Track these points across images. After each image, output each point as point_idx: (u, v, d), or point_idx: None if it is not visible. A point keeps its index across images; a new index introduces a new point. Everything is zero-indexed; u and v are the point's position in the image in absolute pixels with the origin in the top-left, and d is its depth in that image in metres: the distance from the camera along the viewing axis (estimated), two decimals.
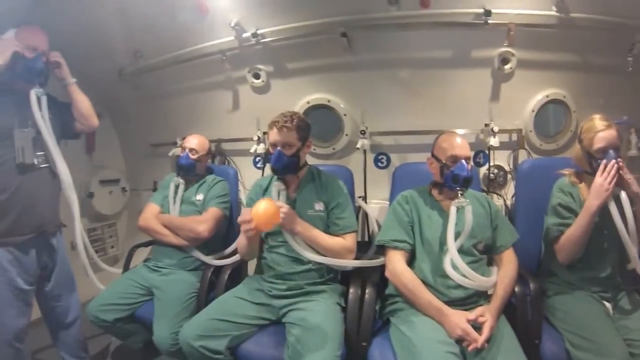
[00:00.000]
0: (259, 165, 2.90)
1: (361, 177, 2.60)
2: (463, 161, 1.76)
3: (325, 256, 1.85)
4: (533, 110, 2.51)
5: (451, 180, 1.75)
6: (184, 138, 2.69)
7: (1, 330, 1.77)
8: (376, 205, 2.60)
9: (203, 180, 2.44)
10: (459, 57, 2.42)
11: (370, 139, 2.58)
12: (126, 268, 2.49)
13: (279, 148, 1.87)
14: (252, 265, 2.19)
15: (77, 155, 3.33)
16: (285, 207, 1.80)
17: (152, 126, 3.36)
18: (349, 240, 1.92)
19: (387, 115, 2.57)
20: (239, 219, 1.74)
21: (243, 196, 2.75)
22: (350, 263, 1.91)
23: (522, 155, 2.56)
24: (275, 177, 1.99)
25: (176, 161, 2.43)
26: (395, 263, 1.74)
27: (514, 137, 2.57)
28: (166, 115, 3.23)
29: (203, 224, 2.24)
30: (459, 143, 1.80)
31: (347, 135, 2.66)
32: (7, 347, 1.78)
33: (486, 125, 2.45)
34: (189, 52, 2.74)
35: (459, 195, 1.73)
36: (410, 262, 1.79)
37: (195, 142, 2.42)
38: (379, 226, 2.42)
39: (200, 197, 2.37)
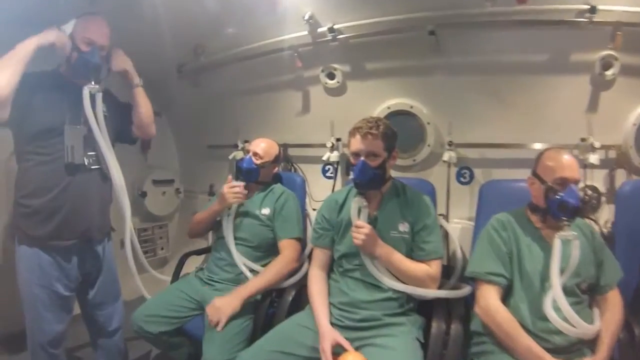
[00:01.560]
0: (328, 174, 2.67)
1: (443, 193, 2.33)
2: (572, 185, 1.50)
3: (406, 284, 1.67)
4: (635, 124, 2.10)
5: (557, 208, 1.49)
6: (246, 141, 2.51)
7: (37, 333, 1.73)
8: (457, 225, 2.32)
9: (269, 190, 2.21)
10: (556, 61, 2.09)
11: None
12: (176, 276, 2.34)
13: (362, 158, 1.67)
14: None
15: (131, 152, 3.15)
16: (366, 228, 1.63)
17: (210, 127, 3.19)
18: (434, 268, 1.71)
19: (473, 125, 2.28)
20: None
21: (309, 207, 2.53)
22: (435, 293, 1.70)
23: (620, 175, 2.19)
24: (355, 191, 1.77)
25: (236, 164, 2.24)
26: (489, 299, 1.52)
27: (611, 154, 2.18)
28: (227, 115, 3.05)
29: (289, 264, 2.06)
30: (569, 162, 1.54)
31: (429, 145, 2.38)
32: (41, 351, 1.74)
33: (582, 139, 2.10)
34: (255, 47, 2.51)
35: (566, 226, 1.48)
36: (504, 299, 1.56)
37: (262, 146, 2.21)
38: (462, 250, 2.21)
39: (266, 211, 2.14)
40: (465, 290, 1.77)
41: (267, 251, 2.13)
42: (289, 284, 2.02)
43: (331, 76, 2.44)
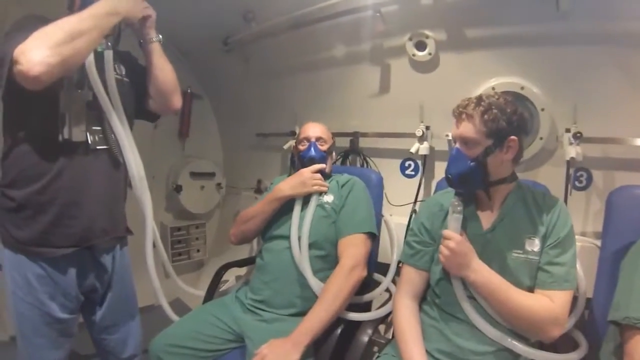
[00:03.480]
0: (408, 171, 2.20)
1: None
2: None
3: (514, 328, 1.26)
4: None
5: None
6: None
7: None
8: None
9: (331, 180, 1.84)
10: None
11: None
12: (210, 294, 1.94)
13: (456, 146, 1.32)
14: None
15: (167, 139, 2.93)
16: (454, 240, 1.26)
17: (261, 111, 2.76)
18: (558, 302, 1.23)
19: (599, 115, 1.78)
20: None
21: (385, 212, 2.05)
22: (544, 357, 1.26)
23: None
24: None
25: (299, 156, 1.85)
26: None
27: None
28: (282, 97, 2.62)
29: (353, 274, 1.56)
30: None
31: (541, 138, 1.87)
32: None
33: None
34: (320, 9, 2.02)
35: None
36: None
37: (318, 129, 1.89)
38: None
39: (330, 198, 1.74)
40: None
41: (328, 257, 1.69)
42: (367, 319, 1.55)
43: (421, 46, 1.93)
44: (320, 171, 1.77)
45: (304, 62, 2.39)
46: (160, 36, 1.44)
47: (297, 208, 1.72)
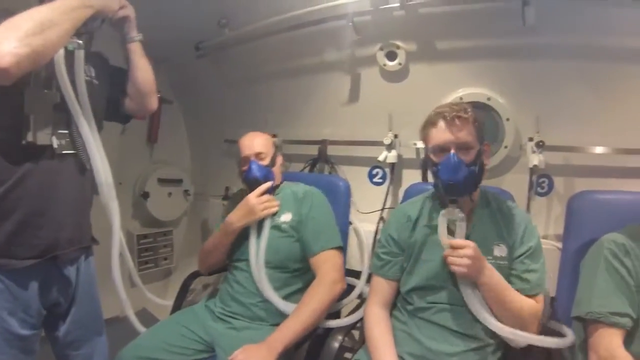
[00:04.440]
0: (376, 179, 2.21)
1: (522, 206, 1.89)
2: None
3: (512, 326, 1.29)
4: None
5: None
6: (274, 135, 2.17)
7: None
8: None
9: (282, 190, 1.80)
10: None
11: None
12: (179, 303, 1.93)
13: (452, 151, 1.29)
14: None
15: (135, 144, 2.85)
16: (470, 247, 1.24)
17: (232, 117, 2.72)
18: (540, 305, 1.34)
19: (561, 124, 1.86)
20: None
21: (354, 219, 2.06)
22: (544, 341, 1.29)
23: None
24: (432, 203, 1.46)
25: (244, 179, 1.76)
26: (615, 348, 1.21)
27: None
28: (253, 104, 2.59)
29: (333, 288, 1.57)
30: None
31: (506, 147, 1.94)
32: None
33: None
34: (293, 18, 2.03)
35: None
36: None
37: (255, 144, 1.76)
38: None
39: (287, 217, 1.69)
40: (567, 340, 1.35)
41: (294, 273, 1.67)
42: (338, 325, 1.55)
43: (391, 56, 1.96)
44: (269, 189, 1.70)
45: (275, 69, 2.38)
46: (141, 35, 1.39)
47: (252, 235, 1.68)
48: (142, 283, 1.65)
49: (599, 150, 1.79)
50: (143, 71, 1.41)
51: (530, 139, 1.83)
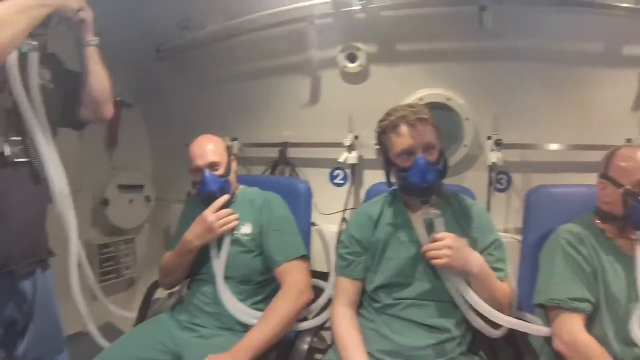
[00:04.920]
0: (338, 180, 2.23)
1: (482, 203, 1.91)
2: None
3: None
4: None
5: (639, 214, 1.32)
6: (234, 139, 2.20)
7: None
8: None
9: (238, 198, 1.72)
10: (609, 53, 1.84)
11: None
12: (143, 313, 1.88)
13: (420, 154, 1.31)
14: None
15: (94, 149, 2.74)
16: (449, 238, 1.28)
17: (193, 120, 2.67)
18: (512, 288, 1.46)
19: (518, 123, 1.95)
20: None
21: (319, 221, 2.07)
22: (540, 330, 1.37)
23: None
24: (390, 202, 1.50)
25: (199, 192, 1.66)
26: (577, 332, 1.28)
27: None
28: (214, 107, 2.56)
29: (300, 298, 1.54)
30: None
31: (466, 146, 1.99)
32: None
33: (628, 140, 1.83)
34: (254, 20, 2.03)
35: None
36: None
37: (211, 149, 1.66)
38: None
39: (247, 229, 1.63)
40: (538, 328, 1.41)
41: (259, 285, 1.64)
42: (305, 328, 1.55)
43: (352, 58, 1.98)
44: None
45: (237, 72, 2.37)
46: (98, 39, 1.33)
47: (213, 250, 1.60)
48: (104, 295, 1.58)
49: (553, 147, 1.88)
50: (98, 78, 1.34)
51: (489, 138, 1.90)
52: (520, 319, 1.37)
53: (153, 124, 3.04)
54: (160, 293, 1.96)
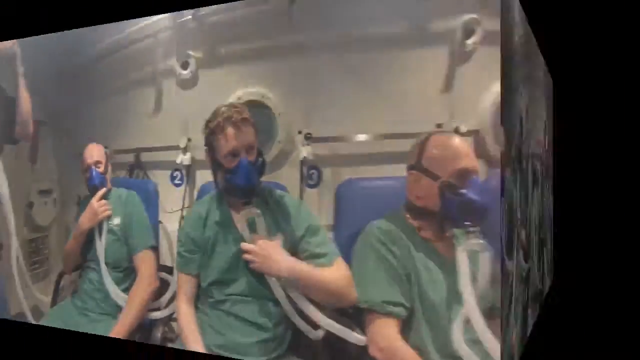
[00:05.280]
0: (177, 181, 2.36)
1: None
2: (475, 178, 1.24)
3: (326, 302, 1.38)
4: (494, 104, 1.64)
5: (459, 209, 1.23)
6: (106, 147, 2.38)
7: None
8: None
9: (108, 197, 2.06)
10: (415, 32, 1.77)
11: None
12: (55, 299, 2.22)
13: (243, 156, 1.43)
14: None
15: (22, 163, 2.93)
16: (257, 245, 1.40)
17: (80, 133, 2.81)
18: (344, 267, 1.43)
19: (327, 116, 1.96)
20: None
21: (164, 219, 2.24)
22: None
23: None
24: (218, 200, 1.58)
25: (87, 185, 2.09)
26: (393, 339, 1.25)
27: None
28: (92, 121, 2.69)
29: (150, 284, 1.86)
30: (465, 149, 1.29)
31: (279, 142, 2.03)
32: None
33: (438, 125, 1.69)
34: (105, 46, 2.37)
35: (471, 234, 1.22)
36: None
37: (96, 152, 2.19)
38: None
39: (117, 220, 1.98)
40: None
41: (126, 271, 1.93)
42: (156, 317, 1.80)
43: (185, 65, 2.22)
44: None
45: (107, 90, 2.55)
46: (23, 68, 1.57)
47: (96, 237, 1.96)
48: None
49: (361, 137, 1.84)
50: (26, 102, 1.64)
51: (300, 132, 1.95)
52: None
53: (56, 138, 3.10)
54: (66, 281, 2.20)
